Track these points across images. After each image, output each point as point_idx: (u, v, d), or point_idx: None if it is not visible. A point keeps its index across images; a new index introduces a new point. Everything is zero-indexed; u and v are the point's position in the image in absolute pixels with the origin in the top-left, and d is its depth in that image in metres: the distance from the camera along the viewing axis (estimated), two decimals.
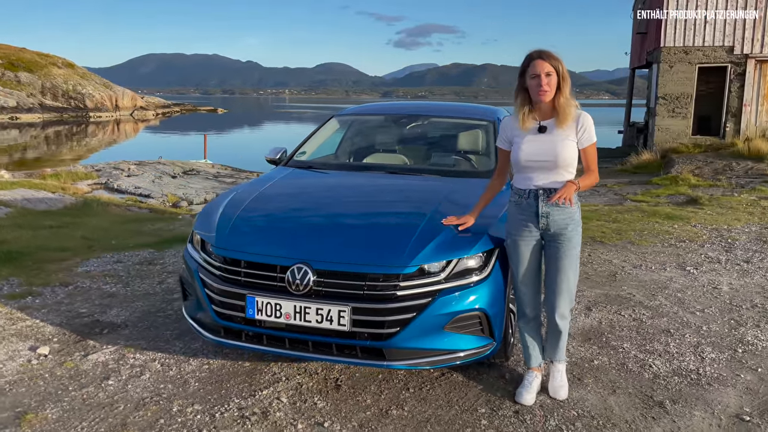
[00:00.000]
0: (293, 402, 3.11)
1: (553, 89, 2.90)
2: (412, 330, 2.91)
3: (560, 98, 2.90)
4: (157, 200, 12.32)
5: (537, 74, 2.88)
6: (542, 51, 2.92)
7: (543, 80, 2.87)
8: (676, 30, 16.52)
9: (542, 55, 2.90)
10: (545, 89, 2.88)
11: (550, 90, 2.89)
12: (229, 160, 24.17)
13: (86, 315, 4.26)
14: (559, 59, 2.89)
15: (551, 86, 2.89)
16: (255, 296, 3.02)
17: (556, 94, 2.90)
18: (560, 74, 2.89)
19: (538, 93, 2.90)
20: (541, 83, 2.88)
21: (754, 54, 16.16)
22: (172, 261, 5.69)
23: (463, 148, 4.55)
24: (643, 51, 19.75)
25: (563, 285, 3.03)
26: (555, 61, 2.88)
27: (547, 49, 2.92)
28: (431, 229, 3.15)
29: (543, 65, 2.88)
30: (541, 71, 2.88)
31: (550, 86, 2.88)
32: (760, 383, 3.40)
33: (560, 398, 3.14)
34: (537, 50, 2.93)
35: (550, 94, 2.90)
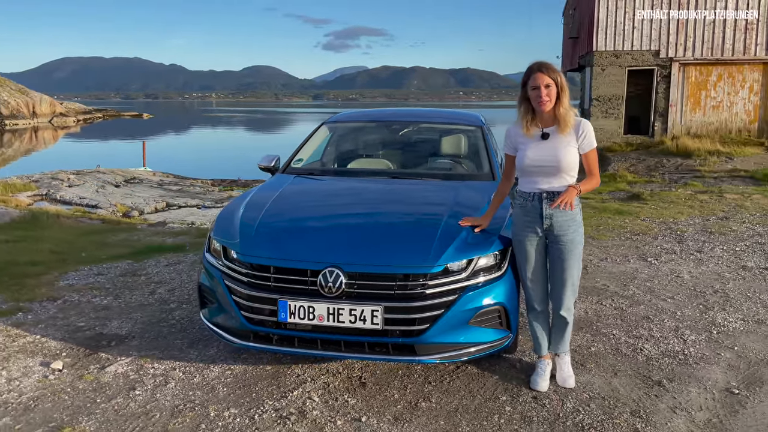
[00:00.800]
0: (325, 401, 3.23)
1: (552, 100, 3.12)
2: (440, 326, 3.10)
3: (560, 108, 3.12)
4: (106, 210, 11.98)
5: (537, 86, 3.11)
6: (542, 64, 3.15)
7: (543, 92, 3.09)
8: (607, 35, 17.44)
9: (542, 68, 3.12)
10: (545, 100, 3.10)
11: (550, 100, 3.11)
12: (169, 167, 23.65)
13: (87, 328, 4.21)
14: (558, 71, 3.14)
15: (551, 97, 3.11)
16: (287, 300, 3.13)
17: (556, 104, 3.12)
18: (559, 85, 3.11)
19: (538, 103, 3.13)
20: (541, 95, 3.10)
21: (678, 57, 17.28)
22: (155, 272, 5.65)
23: (457, 152, 4.78)
24: (575, 55, 20.70)
25: (567, 281, 3.26)
26: (554, 73, 3.11)
27: (547, 62, 3.15)
28: (450, 230, 3.34)
29: (542, 78, 3.10)
30: (540, 83, 3.10)
31: (549, 97, 3.10)
32: (739, 360, 3.78)
33: (569, 387, 3.37)
34: (537, 63, 3.16)
35: (550, 105, 3.12)
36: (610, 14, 17.38)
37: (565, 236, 3.20)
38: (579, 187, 3.14)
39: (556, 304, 3.34)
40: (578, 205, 3.23)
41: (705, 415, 3.13)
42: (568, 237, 3.20)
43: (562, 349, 3.43)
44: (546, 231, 3.23)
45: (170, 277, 5.47)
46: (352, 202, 3.92)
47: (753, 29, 16.99)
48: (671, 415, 3.12)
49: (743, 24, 17.01)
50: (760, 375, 3.57)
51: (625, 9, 17.30)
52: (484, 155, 4.54)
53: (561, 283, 3.27)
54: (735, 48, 17.09)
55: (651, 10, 17.17)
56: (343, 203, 3.92)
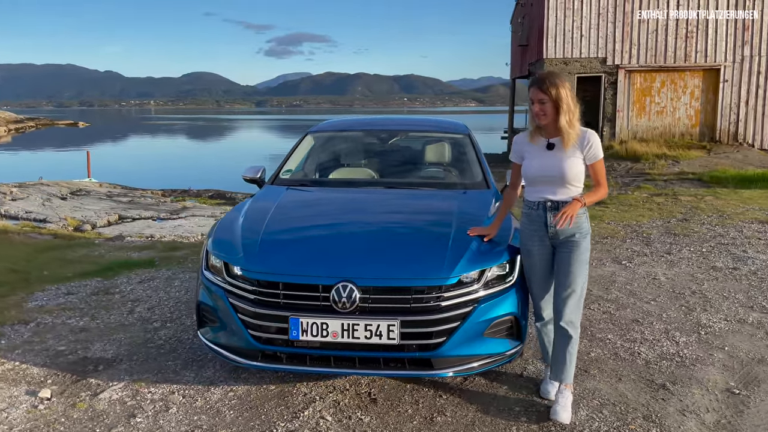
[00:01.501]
0: (339, 419, 3.14)
1: (548, 114, 3.06)
2: (457, 338, 3.06)
3: (561, 121, 3.04)
4: (56, 225, 11.42)
5: (532, 101, 3.10)
6: (541, 78, 3.08)
7: (536, 107, 3.07)
8: (557, 43, 17.89)
9: (538, 82, 3.07)
10: (539, 114, 3.08)
11: (545, 115, 3.07)
12: (113, 178, 22.82)
13: (68, 353, 3.97)
14: (556, 86, 3.02)
15: (545, 112, 3.06)
16: (299, 317, 3.03)
17: (558, 117, 3.05)
18: (557, 100, 3.02)
19: (535, 117, 3.12)
20: (535, 109, 3.09)
21: (624, 65, 17.88)
22: (129, 289, 5.40)
23: (448, 161, 4.76)
24: (525, 62, 21.14)
25: (571, 290, 3.14)
26: (552, 88, 3.01)
27: (548, 76, 3.07)
28: (460, 240, 3.31)
29: (536, 93, 3.06)
30: (534, 98, 3.07)
31: (543, 112, 3.06)
32: (732, 360, 3.89)
33: (563, 422, 3.07)
34: (539, 76, 3.11)
35: (546, 119, 3.08)
36: (558, 23, 17.84)
37: (570, 244, 3.17)
38: (583, 199, 3.10)
39: (557, 315, 3.20)
40: (585, 213, 3.18)
41: (713, 417, 3.19)
42: (573, 245, 3.16)
43: (562, 376, 3.18)
44: (551, 239, 3.21)
45: (146, 294, 5.24)
46: (354, 214, 3.83)
47: (693, 37, 17.75)
48: (682, 418, 3.17)
49: (684, 32, 17.74)
50: (756, 374, 3.68)
51: (573, 18, 17.79)
52: (475, 164, 4.54)
53: (564, 292, 3.16)
54: (677, 55, 17.81)
55: (598, 19, 17.72)
56: (344, 215, 3.83)
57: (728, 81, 17.90)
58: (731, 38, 17.76)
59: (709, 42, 17.81)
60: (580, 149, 3.11)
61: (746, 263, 6.14)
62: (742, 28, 17.70)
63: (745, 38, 17.75)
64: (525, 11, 21.37)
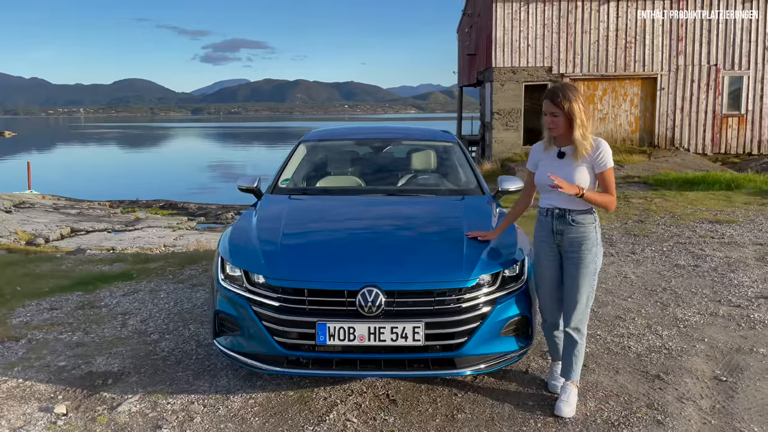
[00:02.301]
0: (364, 421, 3.23)
1: (559, 127, 3.20)
2: (478, 338, 3.21)
3: (575, 134, 3.18)
4: (6, 239, 10.97)
5: (545, 113, 3.25)
6: (554, 91, 3.21)
7: (548, 119, 3.23)
8: (504, 52, 18.45)
9: (551, 95, 3.21)
10: (551, 127, 3.23)
11: (556, 128, 3.21)
12: (53, 189, 21.99)
13: (71, 368, 3.91)
14: (569, 100, 3.15)
15: (557, 125, 3.20)
16: (326, 322, 3.11)
17: (571, 129, 3.20)
18: (569, 113, 3.15)
19: (548, 129, 3.28)
20: (547, 121, 3.24)
21: (568, 73, 18.61)
22: (115, 302, 5.31)
23: (441, 168, 4.92)
24: (474, 70, 21.68)
25: (576, 299, 3.27)
26: (564, 102, 3.15)
27: (561, 89, 3.20)
28: (473, 243, 3.47)
29: (549, 106, 3.20)
30: (547, 111, 3.22)
31: (555, 125, 3.20)
32: (713, 350, 4.19)
33: (563, 416, 3.22)
34: (552, 89, 3.26)
35: (557, 131, 3.22)
36: (506, 33, 18.43)
37: (575, 254, 3.26)
38: (584, 190, 3.14)
39: (565, 321, 3.36)
40: (593, 223, 3.29)
41: (708, 403, 3.45)
42: (578, 255, 3.25)
43: (568, 374, 3.36)
44: (558, 246, 3.34)
45: (135, 307, 5.17)
46: (365, 221, 3.93)
47: (632, 47, 18.68)
48: (681, 405, 3.41)
49: (623, 43, 18.65)
50: (737, 362, 3.98)
51: (520, 28, 18.42)
52: (468, 170, 4.72)
53: (569, 301, 3.29)
54: (617, 65, 18.69)
55: (543, 30, 18.40)
56: (355, 222, 3.92)
57: (665, 89, 18.90)
58: (666, 48, 18.77)
59: (646, 52, 18.76)
60: (589, 159, 3.23)
61: (705, 260, 6.57)
62: (676, 39, 18.74)
63: (680, 48, 18.80)
64: (472, 21, 21.94)
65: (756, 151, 19.53)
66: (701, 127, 19.25)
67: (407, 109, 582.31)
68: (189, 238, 11.09)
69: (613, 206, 3.28)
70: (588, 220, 3.28)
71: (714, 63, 19.03)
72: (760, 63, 19.11)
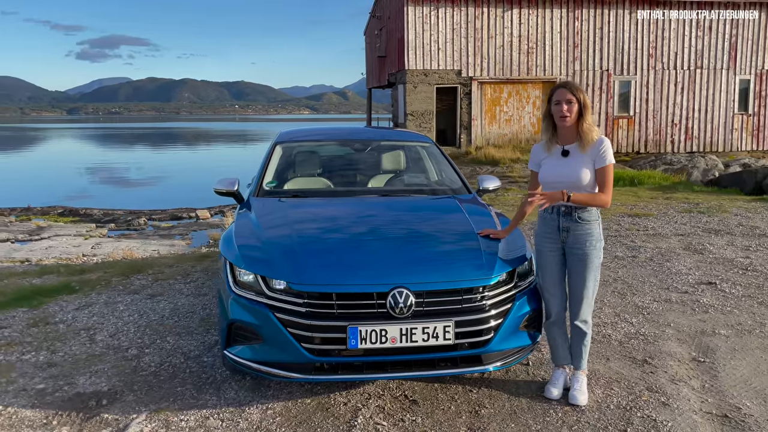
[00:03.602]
0: (394, 423, 3.21)
1: (573, 116, 3.35)
2: (502, 333, 3.28)
3: (583, 124, 3.36)
4: None
5: (559, 101, 3.35)
6: (568, 82, 3.41)
7: (564, 107, 3.34)
8: (416, 55, 18.82)
9: (566, 85, 3.38)
10: (565, 114, 3.34)
11: (570, 116, 3.34)
12: None
13: (53, 390, 3.58)
14: (581, 91, 3.37)
15: (571, 113, 3.34)
16: (357, 326, 3.06)
17: (579, 121, 3.38)
18: (582, 103, 3.35)
19: (560, 117, 3.36)
20: (562, 109, 3.35)
21: (476, 77, 19.30)
22: (70, 317, 4.91)
23: (424, 168, 4.95)
24: (384, 72, 21.92)
25: (582, 294, 3.41)
26: (578, 92, 3.34)
27: (572, 82, 3.42)
28: (486, 242, 3.54)
29: (565, 93, 3.34)
30: (562, 98, 3.34)
31: (570, 112, 3.34)
32: (681, 334, 4.53)
33: (579, 404, 3.38)
34: (565, 82, 3.44)
35: (570, 120, 3.36)
36: (417, 36, 18.82)
37: (581, 250, 3.39)
38: (568, 193, 3.25)
39: (572, 315, 3.51)
40: (597, 220, 3.42)
41: (698, 383, 3.74)
42: (584, 251, 3.39)
43: (578, 363, 3.53)
44: (563, 243, 3.46)
45: (96, 321, 4.80)
46: (373, 222, 3.88)
47: (534, 53, 19.68)
48: (676, 386, 3.67)
49: (525, 48, 19.61)
50: (707, 344, 4.33)
51: (431, 32, 18.88)
52: (451, 170, 4.80)
53: (576, 295, 3.44)
54: (520, 69, 19.62)
55: (452, 34, 18.96)
56: (365, 223, 3.86)
57: None
58: (564, 54, 19.94)
59: (546, 57, 19.83)
60: (592, 156, 3.37)
61: (640, 251, 7.07)
62: (572, 46, 19.95)
63: (576, 54, 20.03)
64: (381, 24, 22.18)
65: (643, 150, 21.20)
66: None
67: (300, 110, 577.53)
68: (108, 246, 10.40)
69: (608, 203, 3.36)
70: (593, 217, 3.42)
71: (606, 68, 20.45)
72: (645, 69, 20.76)
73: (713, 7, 20.78)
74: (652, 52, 20.69)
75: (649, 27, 20.46)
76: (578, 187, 3.36)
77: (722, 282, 5.80)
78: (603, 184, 3.35)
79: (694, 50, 21.02)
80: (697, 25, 20.89)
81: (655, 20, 20.44)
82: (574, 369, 3.56)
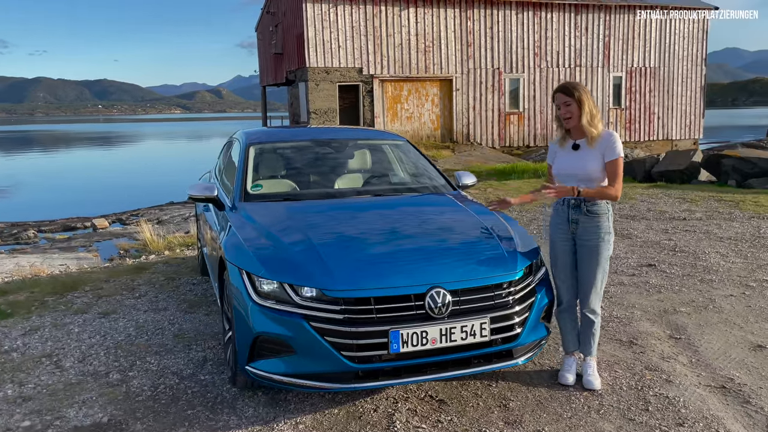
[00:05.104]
0: (432, 425, 3.17)
1: (574, 115, 3.49)
2: (529, 326, 3.34)
3: (582, 120, 3.48)
4: None
5: (558, 104, 3.53)
6: (564, 85, 3.54)
7: (563, 109, 3.51)
8: (317, 52, 18.64)
9: (562, 88, 3.52)
10: (566, 116, 3.52)
11: (572, 116, 3.49)
12: None
13: (45, 426, 3.20)
14: (579, 90, 3.49)
15: (571, 113, 3.49)
16: (399, 329, 2.99)
17: (581, 118, 3.52)
18: (579, 101, 3.47)
19: (563, 120, 3.55)
20: (562, 112, 3.53)
21: (378, 75, 19.45)
22: (22, 344, 4.40)
23: (406, 166, 4.88)
24: (281, 70, 21.50)
25: (591, 284, 3.54)
26: (575, 91, 3.47)
27: (570, 84, 3.52)
28: (504, 238, 3.59)
29: (561, 97, 3.50)
30: (560, 102, 3.51)
31: (570, 113, 3.49)
32: (647, 314, 4.83)
33: (595, 388, 3.53)
34: (562, 84, 3.57)
35: (573, 120, 3.50)
36: (318, 33, 18.63)
37: (590, 241, 3.53)
38: (579, 188, 3.45)
39: (582, 305, 3.65)
40: (606, 213, 3.55)
41: (685, 359, 4.02)
42: (593, 242, 3.52)
43: (587, 350, 3.66)
44: (573, 234, 3.60)
45: (54, 347, 4.33)
46: (383, 222, 3.76)
47: (430, 51, 20.16)
48: (668, 363, 3.92)
49: (423, 47, 20.04)
50: (675, 321, 4.66)
51: (331, 29, 18.76)
52: (431, 168, 4.80)
53: (586, 285, 3.56)
54: (419, 67, 20.03)
55: (352, 32, 18.97)
56: (377, 224, 3.74)
57: (459, 90, 20.74)
58: (459, 53, 20.61)
59: (443, 56, 20.39)
60: (602, 149, 3.51)
61: None
62: (466, 45, 20.66)
63: (469, 53, 20.77)
64: (276, 20, 21.73)
65: (533, 144, 22.42)
66: (490, 123, 21.52)
67: (171, 109, 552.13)
68: (5, 263, 9.40)
69: (618, 196, 3.52)
70: (602, 210, 3.55)
71: (497, 67, 21.39)
72: (532, 67, 21.96)
73: (588, 10, 22.36)
74: (537, 51, 21.92)
75: (534, 27, 21.65)
76: (589, 179, 3.50)
77: (660, 263, 6.26)
78: (612, 176, 3.49)
79: (574, 49, 22.52)
80: (575, 26, 22.39)
81: (539, 21, 21.67)
82: (585, 356, 3.70)
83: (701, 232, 7.70)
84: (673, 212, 9.09)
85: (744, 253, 6.59)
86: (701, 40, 24.48)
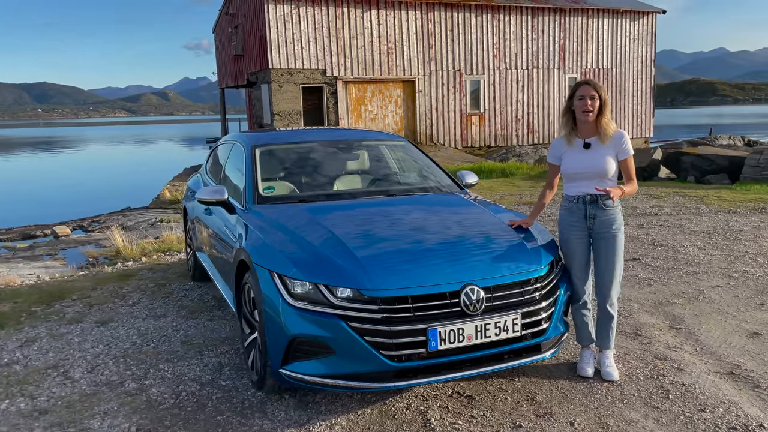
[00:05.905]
0: (467, 420, 3.21)
1: (595, 110, 3.58)
2: (555, 320, 3.42)
3: (603, 119, 3.59)
4: None
5: (583, 96, 3.57)
6: (590, 80, 3.66)
7: (587, 102, 3.56)
8: (281, 54, 18.48)
9: (589, 82, 3.62)
10: (589, 109, 3.57)
11: (593, 111, 3.57)
12: None
13: None
14: (603, 88, 3.62)
15: (594, 108, 3.57)
16: (437, 327, 3.02)
17: (599, 116, 3.60)
18: (602, 99, 3.58)
19: (582, 112, 3.58)
20: (586, 104, 3.56)
21: (341, 76, 19.43)
22: (23, 356, 4.24)
23: (413, 166, 4.90)
24: (242, 72, 21.21)
25: (612, 275, 3.63)
26: (600, 89, 3.59)
27: (593, 80, 3.68)
28: (524, 234, 3.66)
29: (589, 90, 3.57)
30: (587, 94, 3.56)
31: (593, 107, 3.57)
32: (644, 306, 4.99)
33: (614, 379, 3.64)
34: (586, 79, 3.69)
35: (593, 115, 3.58)
36: (280, 34, 18.47)
37: (608, 233, 3.63)
38: (623, 188, 3.57)
39: (601, 299, 3.70)
40: (618, 206, 3.67)
41: (690, 347, 4.18)
42: (610, 235, 3.63)
43: (606, 344, 3.75)
44: (590, 230, 3.69)
45: (57, 357, 4.19)
46: (407, 221, 3.76)
47: (393, 53, 20.25)
48: (676, 353, 4.06)
49: (386, 49, 20.11)
50: (671, 312, 4.83)
51: (293, 30, 18.62)
52: (436, 168, 4.84)
53: (606, 278, 3.66)
54: (382, 69, 20.09)
55: (315, 33, 18.88)
56: (401, 223, 3.73)
57: (422, 91, 20.91)
58: (421, 55, 20.78)
59: (405, 58, 20.51)
60: (614, 147, 3.63)
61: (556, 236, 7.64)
62: (428, 47, 20.85)
63: (431, 55, 20.96)
64: (236, 21, 21.43)
65: (494, 144, 22.78)
66: (452, 124, 21.76)
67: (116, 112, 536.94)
68: None
69: (636, 190, 3.73)
70: (616, 204, 3.68)
71: (458, 69, 21.65)
72: (492, 69, 22.31)
73: (545, 12, 22.88)
74: (496, 53, 22.29)
75: (493, 30, 22.01)
76: (602, 177, 3.59)
77: (644, 257, 6.48)
78: (628, 174, 3.65)
79: (531, 51, 23.00)
80: (532, 29, 22.87)
81: (497, 23, 22.04)
82: (603, 349, 3.80)
83: (674, 226, 7.99)
84: (643, 208, 9.40)
85: (720, 246, 6.87)
86: (650, 43, 25.37)
